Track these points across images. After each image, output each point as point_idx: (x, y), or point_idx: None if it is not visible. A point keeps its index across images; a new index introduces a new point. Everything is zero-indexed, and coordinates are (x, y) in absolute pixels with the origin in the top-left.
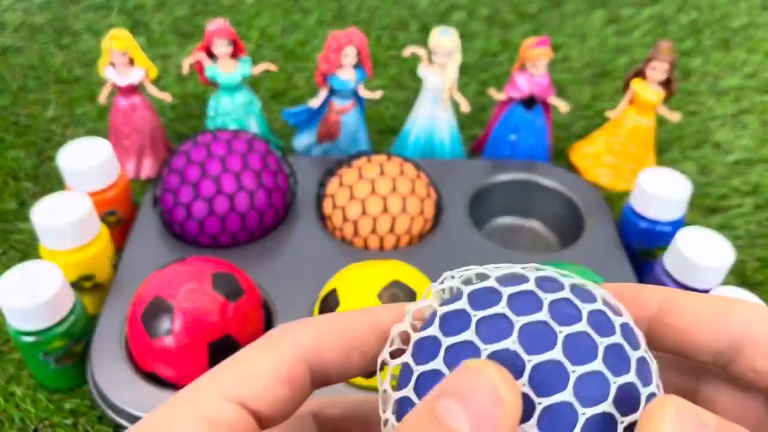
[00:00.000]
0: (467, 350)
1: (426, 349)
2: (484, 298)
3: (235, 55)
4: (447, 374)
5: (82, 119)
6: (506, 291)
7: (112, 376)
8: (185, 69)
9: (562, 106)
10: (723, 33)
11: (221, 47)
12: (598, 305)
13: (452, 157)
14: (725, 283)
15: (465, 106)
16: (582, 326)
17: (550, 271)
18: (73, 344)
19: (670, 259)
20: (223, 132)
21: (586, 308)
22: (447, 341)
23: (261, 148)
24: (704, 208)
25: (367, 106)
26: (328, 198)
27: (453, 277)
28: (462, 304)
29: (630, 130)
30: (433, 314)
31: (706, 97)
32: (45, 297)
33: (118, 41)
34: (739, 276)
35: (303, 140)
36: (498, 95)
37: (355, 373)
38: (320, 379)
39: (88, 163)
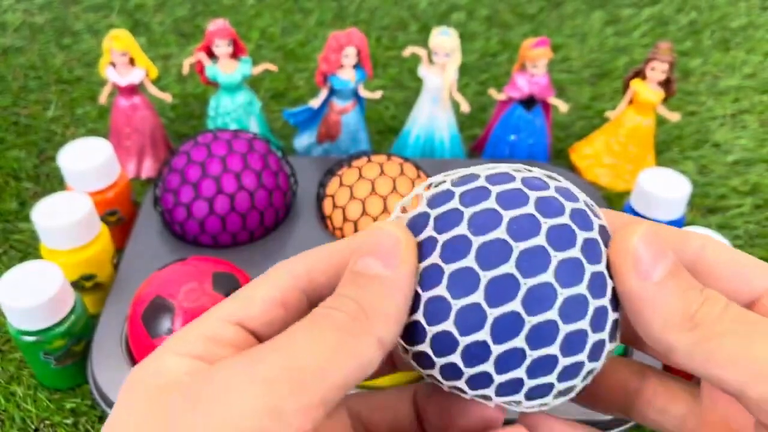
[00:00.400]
0: (452, 217)
1: (419, 222)
2: (443, 195)
3: (235, 55)
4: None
5: (83, 119)
6: (460, 190)
7: (113, 375)
8: (186, 69)
9: (562, 106)
10: (722, 33)
11: (222, 47)
12: (549, 192)
13: (452, 157)
14: None
15: (465, 106)
16: (529, 209)
17: (503, 168)
18: (73, 344)
19: None
20: (224, 132)
21: (534, 194)
22: (434, 212)
23: (261, 148)
24: (704, 208)
25: (367, 106)
26: (328, 198)
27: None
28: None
29: (629, 130)
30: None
31: (706, 98)
32: (45, 297)
33: (118, 41)
34: None
35: (303, 140)
36: (498, 95)
37: None
38: (316, 301)
39: (89, 163)
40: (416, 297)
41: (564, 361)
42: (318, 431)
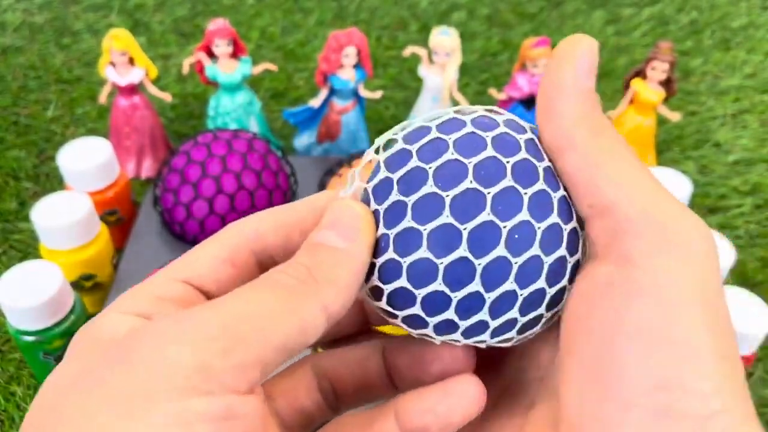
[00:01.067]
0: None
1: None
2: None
3: (235, 55)
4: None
5: (83, 119)
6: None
7: None
8: (185, 69)
9: None
10: (723, 33)
11: (221, 47)
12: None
13: None
14: (725, 282)
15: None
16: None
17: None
18: None
19: None
20: (224, 132)
21: (489, 135)
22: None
23: (261, 148)
24: (704, 208)
25: (367, 106)
26: None
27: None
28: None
29: (630, 130)
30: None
31: (706, 97)
32: (45, 297)
33: (118, 41)
34: (739, 276)
35: (303, 140)
36: (498, 95)
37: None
38: (266, 261)
39: (88, 162)
40: (394, 263)
41: (523, 293)
42: (279, 388)
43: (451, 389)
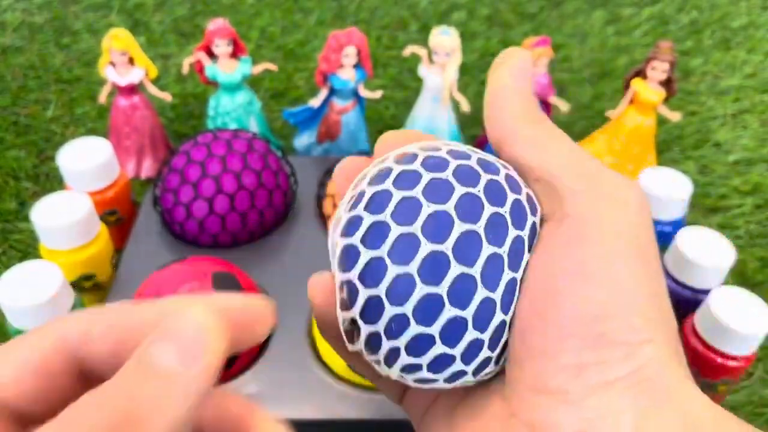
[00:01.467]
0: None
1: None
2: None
3: (235, 54)
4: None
5: (82, 119)
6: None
7: None
8: (185, 69)
9: (563, 105)
10: (723, 33)
11: (221, 47)
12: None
13: None
14: (725, 282)
15: (465, 106)
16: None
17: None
18: None
19: (670, 259)
20: (224, 132)
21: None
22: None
23: (261, 148)
24: (704, 208)
25: (367, 105)
26: (328, 198)
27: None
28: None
29: (630, 130)
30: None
31: (707, 97)
32: (45, 297)
33: (118, 41)
34: (739, 276)
35: (303, 140)
36: None
37: None
38: (88, 370)
39: (88, 162)
40: (425, 336)
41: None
42: None
43: None
